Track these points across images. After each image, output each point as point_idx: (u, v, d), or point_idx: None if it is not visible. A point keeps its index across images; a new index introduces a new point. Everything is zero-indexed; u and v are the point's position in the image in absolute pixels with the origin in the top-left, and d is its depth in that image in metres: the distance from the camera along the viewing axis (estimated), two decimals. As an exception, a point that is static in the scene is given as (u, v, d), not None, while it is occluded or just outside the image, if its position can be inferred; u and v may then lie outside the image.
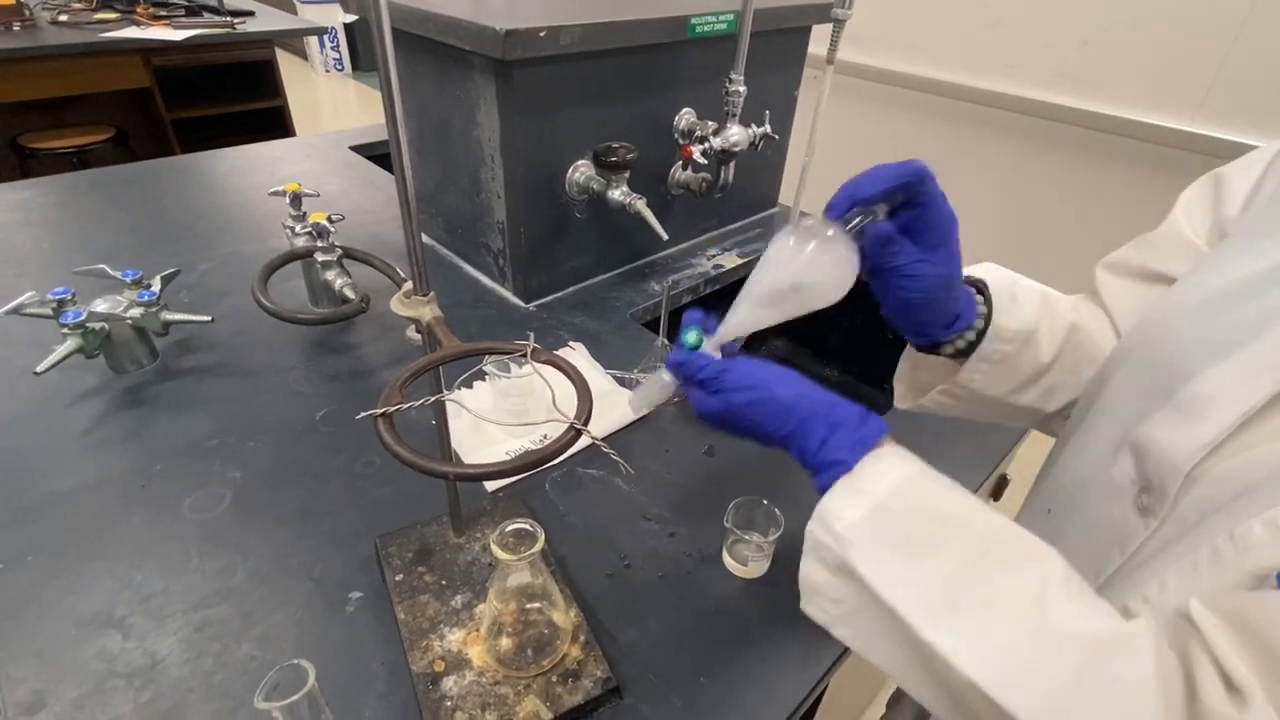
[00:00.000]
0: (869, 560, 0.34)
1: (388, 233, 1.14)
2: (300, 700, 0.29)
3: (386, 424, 0.35)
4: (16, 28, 2.23)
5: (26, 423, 0.70)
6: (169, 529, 0.60)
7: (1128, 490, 0.36)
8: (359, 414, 0.38)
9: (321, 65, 5.42)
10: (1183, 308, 0.38)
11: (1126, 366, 0.41)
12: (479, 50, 0.78)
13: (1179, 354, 0.36)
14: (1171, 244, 0.46)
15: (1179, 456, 0.32)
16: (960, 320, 0.47)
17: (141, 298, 0.75)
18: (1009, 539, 0.34)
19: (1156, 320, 0.40)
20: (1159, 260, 0.46)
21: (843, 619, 0.37)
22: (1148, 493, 0.35)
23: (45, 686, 0.48)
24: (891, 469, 0.36)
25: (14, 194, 1.19)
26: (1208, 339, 0.35)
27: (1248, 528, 0.29)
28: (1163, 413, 0.34)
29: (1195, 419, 0.32)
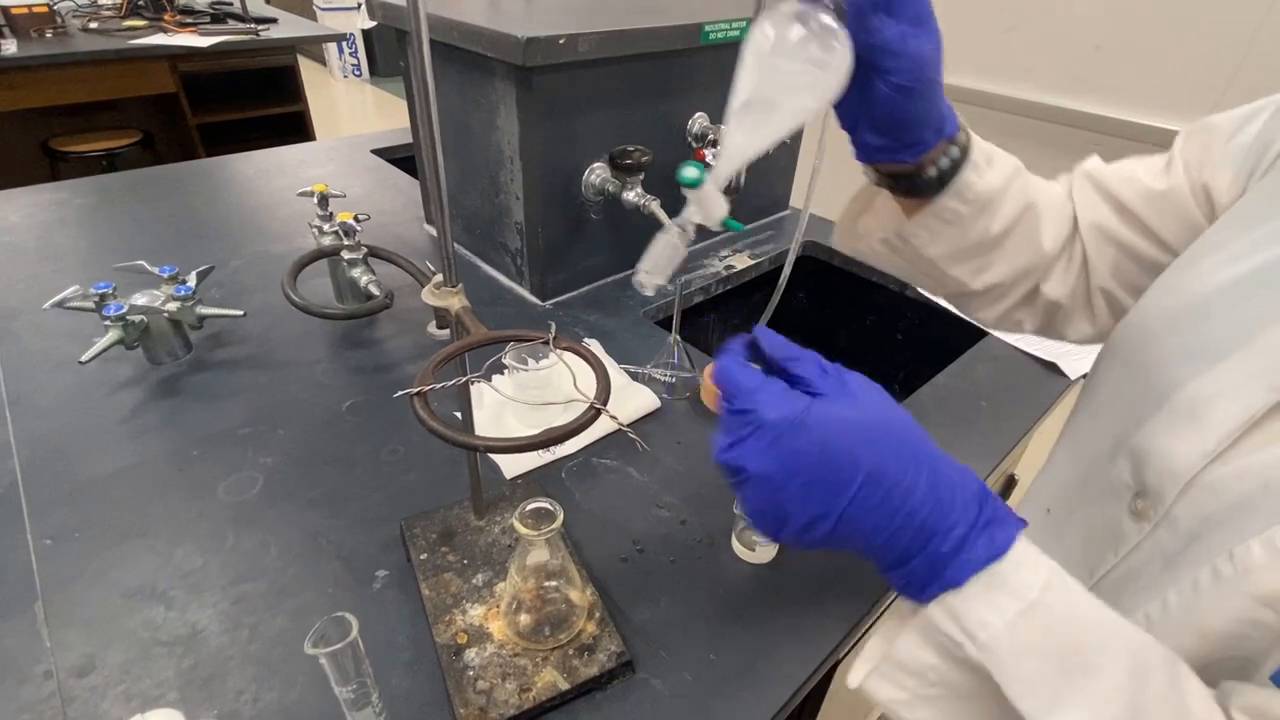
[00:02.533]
0: (1021, 682, 0.28)
1: (409, 233, 1.17)
2: (344, 649, 0.31)
3: (421, 402, 0.38)
4: (49, 35, 2.30)
5: (71, 410, 0.74)
6: (205, 510, 0.63)
7: (1124, 494, 0.36)
8: (396, 393, 0.41)
9: (340, 71, 5.51)
10: (1170, 309, 0.38)
11: (1118, 367, 0.41)
12: (500, 57, 0.81)
13: (1170, 358, 0.36)
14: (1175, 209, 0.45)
15: (1180, 465, 0.32)
16: (948, 123, 0.42)
17: (178, 293, 0.79)
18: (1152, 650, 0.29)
19: (1144, 320, 0.40)
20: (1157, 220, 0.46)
21: (935, 701, 0.32)
22: (1142, 497, 0.34)
23: (94, 652, 0.51)
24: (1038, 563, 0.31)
25: (50, 194, 1.24)
26: (1198, 343, 0.35)
27: (1246, 547, 0.28)
28: (1159, 418, 0.34)
29: (1193, 425, 0.32)
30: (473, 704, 0.47)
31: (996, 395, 0.85)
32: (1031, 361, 0.92)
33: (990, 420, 0.82)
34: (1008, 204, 0.46)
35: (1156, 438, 0.34)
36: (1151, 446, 0.34)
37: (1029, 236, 0.48)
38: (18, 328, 0.86)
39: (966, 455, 0.76)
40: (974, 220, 0.46)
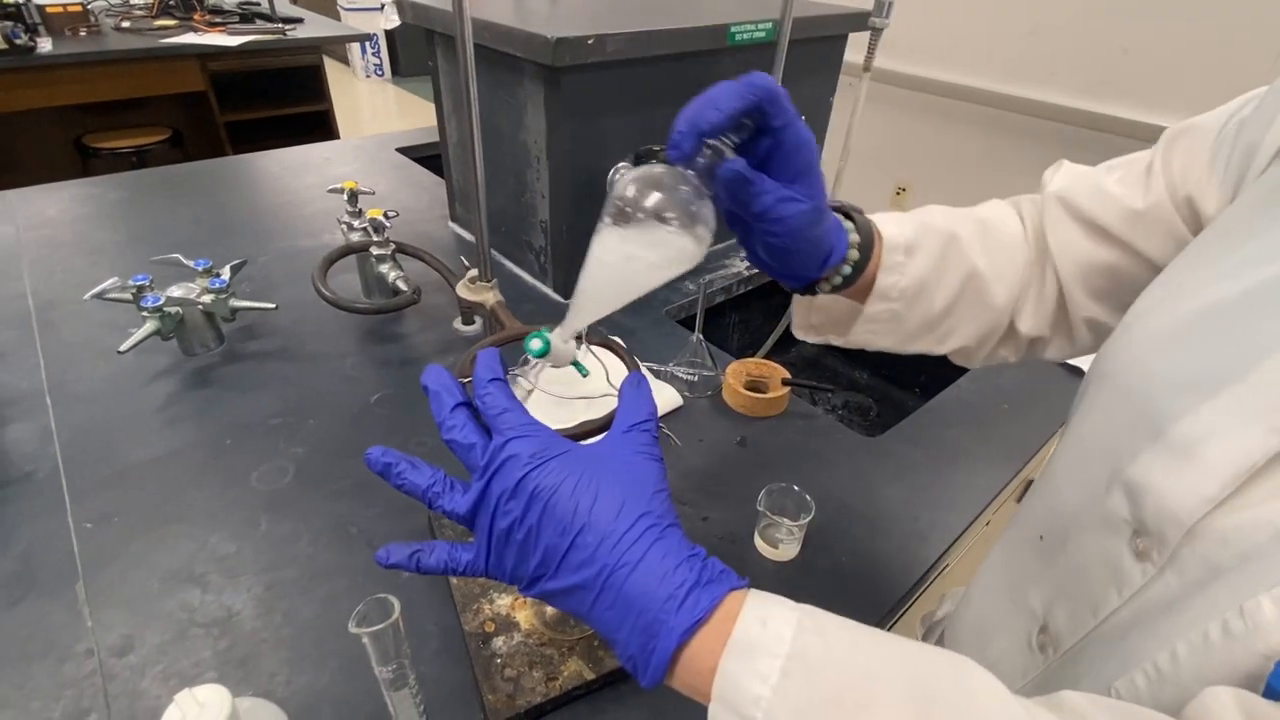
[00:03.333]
0: None
1: (434, 230, 1.19)
2: (386, 629, 0.32)
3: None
4: (83, 34, 2.36)
5: (109, 398, 0.76)
6: (239, 497, 0.65)
7: (1122, 529, 0.34)
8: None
9: (362, 71, 5.57)
10: (1156, 332, 0.36)
11: (1107, 392, 0.39)
12: (530, 57, 0.82)
13: (1160, 385, 0.34)
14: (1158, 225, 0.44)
15: (1180, 509, 0.31)
16: (833, 254, 0.43)
17: (212, 285, 0.81)
18: (926, 660, 0.28)
19: (1130, 343, 0.38)
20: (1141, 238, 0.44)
21: None
22: (1143, 536, 0.33)
23: (133, 632, 0.53)
24: (773, 609, 0.29)
25: (84, 189, 1.27)
26: (1189, 372, 0.33)
27: (1256, 603, 0.27)
28: (1153, 453, 0.33)
29: (1190, 465, 0.31)
30: (501, 690, 0.48)
31: (1019, 399, 0.85)
32: (1055, 368, 0.91)
33: (1013, 424, 0.81)
34: (944, 282, 0.47)
35: (1152, 474, 0.32)
36: (1148, 484, 0.33)
37: (979, 302, 0.49)
38: (56, 318, 0.89)
39: (988, 459, 0.76)
40: (911, 309, 0.48)
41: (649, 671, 0.29)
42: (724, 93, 0.34)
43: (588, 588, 0.30)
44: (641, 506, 0.30)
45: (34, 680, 0.50)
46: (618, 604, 0.29)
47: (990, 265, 0.48)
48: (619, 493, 0.31)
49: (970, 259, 0.48)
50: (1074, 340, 0.52)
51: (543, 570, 0.31)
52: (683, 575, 0.29)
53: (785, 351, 1.31)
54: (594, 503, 0.30)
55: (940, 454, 0.76)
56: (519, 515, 0.31)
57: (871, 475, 0.73)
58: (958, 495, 0.71)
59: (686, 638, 0.28)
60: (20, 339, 0.84)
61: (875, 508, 0.69)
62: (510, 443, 0.32)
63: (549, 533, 0.30)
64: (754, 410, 0.80)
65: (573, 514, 0.30)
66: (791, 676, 0.27)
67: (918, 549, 0.65)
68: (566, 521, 0.30)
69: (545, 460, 0.31)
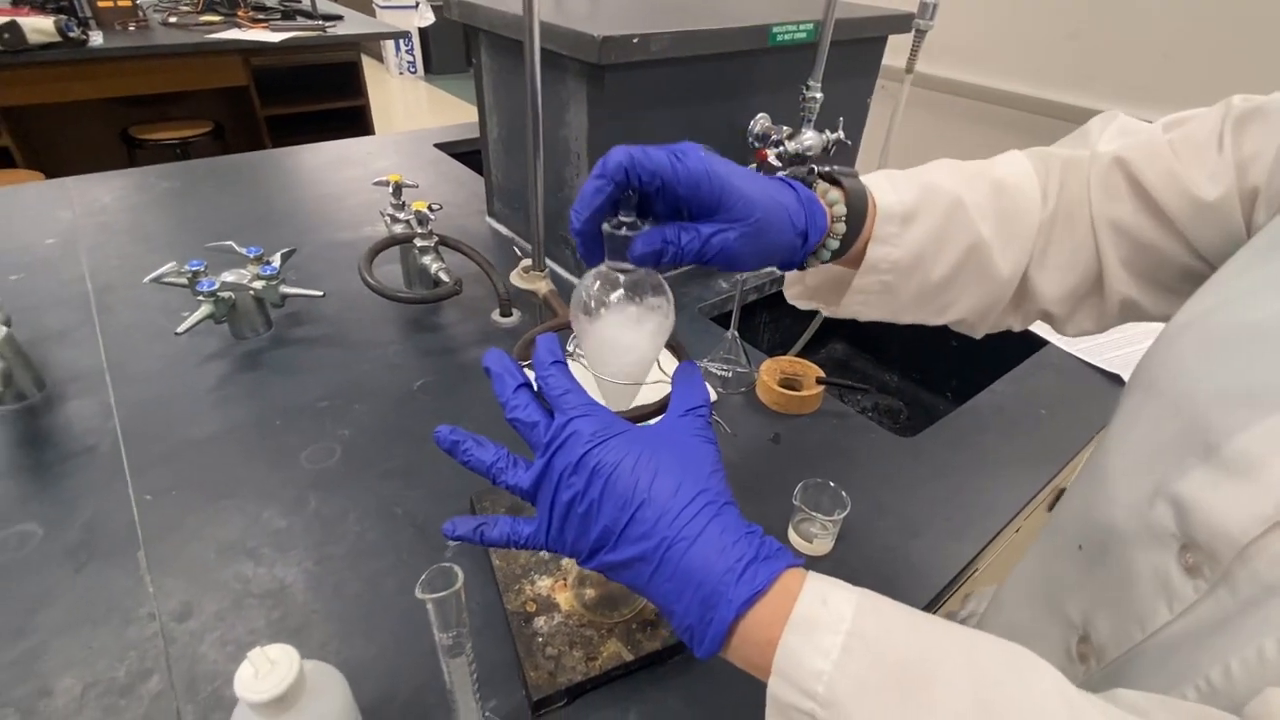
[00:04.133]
0: None
1: (471, 224, 1.21)
2: (449, 597, 0.34)
3: (518, 374, 0.40)
4: (132, 28, 2.43)
5: (164, 378, 0.79)
6: (289, 476, 0.67)
7: (1169, 543, 0.34)
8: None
9: (396, 68, 5.65)
10: (1207, 342, 0.35)
11: (1152, 403, 0.38)
12: (574, 55, 0.83)
13: (1211, 400, 0.33)
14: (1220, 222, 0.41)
15: (1234, 527, 0.30)
16: (809, 239, 0.41)
17: (263, 272, 0.83)
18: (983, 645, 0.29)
19: (1178, 352, 0.37)
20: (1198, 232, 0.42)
21: None
22: (1193, 551, 0.32)
23: (192, 599, 0.55)
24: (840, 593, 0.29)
25: (136, 178, 1.31)
26: (1244, 387, 0.32)
27: None
28: (1205, 470, 0.32)
29: (1247, 485, 0.30)
30: (542, 668, 0.50)
31: (1056, 404, 0.85)
32: (1093, 372, 0.91)
33: (1049, 429, 0.81)
34: (944, 253, 0.45)
35: (1204, 491, 0.32)
36: (1198, 500, 0.32)
37: (981, 274, 0.47)
38: (114, 301, 0.92)
39: (1024, 463, 0.76)
40: (905, 281, 0.46)
41: (706, 642, 0.30)
42: (581, 199, 0.35)
43: (647, 560, 0.31)
44: (699, 485, 0.32)
45: (100, 641, 0.52)
46: (676, 576, 0.30)
47: (997, 234, 0.46)
48: (677, 471, 0.32)
49: (975, 228, 0.45)
50: (1101, 317, 0.49)
51: (602, 543, 0.32)
52: (740, 550, 0.30)
53: (815, 352, 1.32)
54: (653, 480, 0.31)
55: (975, 456, 0.76)
56: (580, 490, 0.32)
57: (905, 475, 0.73)
58: (992, 498, 0.71)
59: (745, 609, 0.29)
60: (80, 320, 0.88)
61: (909, 507, 0.69)
62: (573, 421, 0.33)
63: (609, 507, 0.31)
64: (787, 407, 0.81)
65: (633, 490, 0.31)
66: (853, 653, 0.27)
67: (951, 549, 0.65)
68: (627, 497, 0.31)
69: (606, 439, 0.32)
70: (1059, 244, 0.48)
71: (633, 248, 0.36)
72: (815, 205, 0.42)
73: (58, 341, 0.83)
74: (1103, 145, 0.46)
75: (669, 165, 0.35)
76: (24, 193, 1.23)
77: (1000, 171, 0.48)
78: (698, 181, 0.35)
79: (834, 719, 0.27)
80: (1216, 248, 0.42)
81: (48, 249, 1.04)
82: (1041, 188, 0.48)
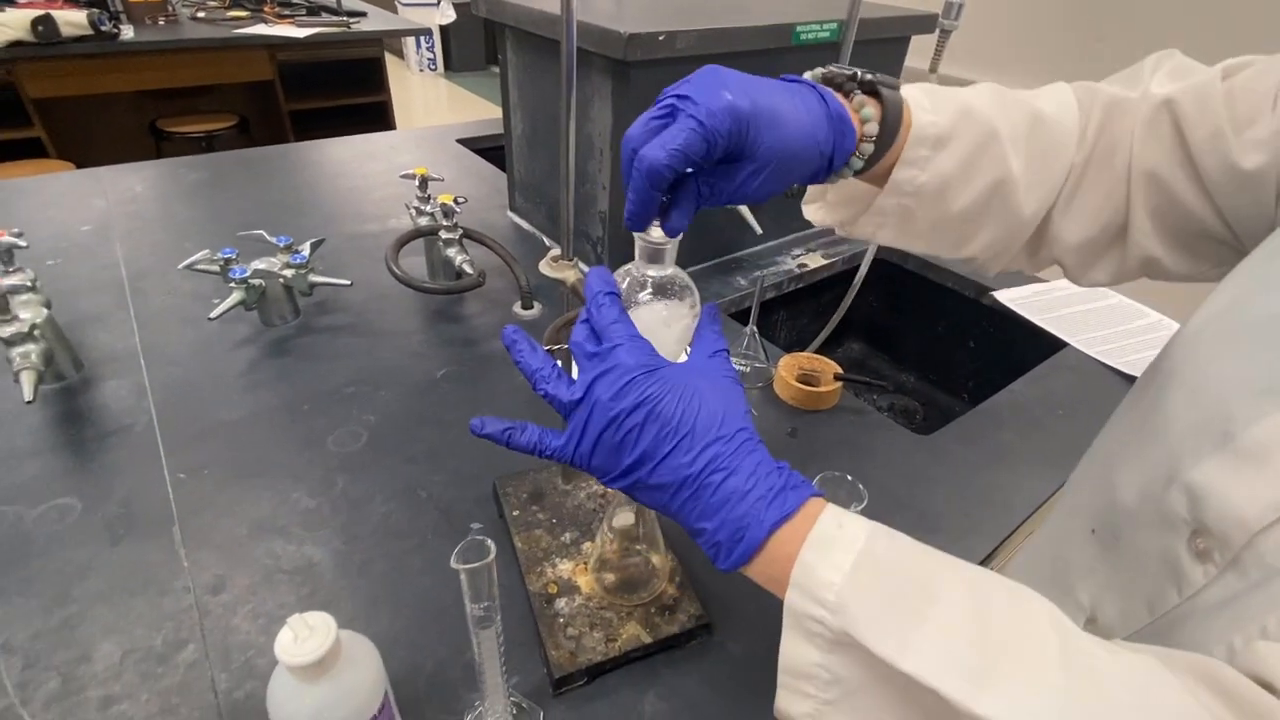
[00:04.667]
0: (874, 627, 0.29)
1: (493, 219, 1.23)
2: (482, 568, 0.35)
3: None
4: (161, 22, 2.47)
5: (196, 362, 0.81)
6: (316, 458, 0.69)
7: (1180, 528, 0.34)
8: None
9: (416, 65, 5.70)
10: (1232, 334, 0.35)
11: (1173, 390, 0.38)
12: (600, 51, 0.85)
13: (1231, 387, 0.33)
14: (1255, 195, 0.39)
15: (1247, 514, 0.31)
16: (835, 161, 0.40)
17: (293, 260, 0.85)
18: (988, 577, 0.31)
19: (1202, 338, 0.37)
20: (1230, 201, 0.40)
21: (840, 704, 0.31)
22: (1203, 537, 0.33)
23: (225, 574, 0.57)
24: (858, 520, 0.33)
25: (167, 168, 1.34)
26: (1265, 376, 0.32)
27: None
28: (1220, 456, 0.32)
29: (1262, 472, 0.31)
30: (563, 647, 0.51)
31: (1075, 405, 0.85)
32: (1113, 375, 0.91)
33: (1068, 429, 0.81)
34: (971, 184, 0.44)
35: (1218, 478, 0.32)
36: (1212, 487, 0.32)
37: (1004, 209, 0.45)
38: (147, 286, 0.94)
39: (1041, 462, 0.76)
40: (925, 208, 0.44)
41: (733, 557, 0.33)
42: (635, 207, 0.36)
43: (685, 486, 0.34)
44: (739, 422, 0.35)
45: (137, 610, 0.54)
46: (714, 500, 0.33)
47: (1027, 170, 0.44)
48: (719, 408, 0.34)
49: (1006, 162, 0.43)
50: (1119, 270, 0.48)
51: (637, 468, 0.35)
52: (772, 480, 0.33)
53: (831, 350, 1.32)
54: (698, 414, 0.34)
55: (992, 454, 0.77)
56: (620, 416, 0.34)
57: (922, 471, 0.74)
58: (1009, 496, 0.71)
59: (773, 530, 0.32)
60: (115, 304, 0.90)
61: (925, 503, 0.70)
62: (619, 349, 0.35)
63: (650, 436, 0.34)
64: (805, 403, 0.81)
65: (678, 421, 0.34)
66: (862, 568, 0.30)
67: (967, 545, 0.66)
68: (671, 428, 0.34)
69: (652, 369, 0.35)
70: (1088, 190, 0.46)
71: (669, 225, 0.37)
72: (846, 125, 0.40)
73: (94, 324, 0.86)
74: (1155, 86, 0.44)
75: (706, 150, 0.34)
76: (59, 181, 1.26)
77: (1042, 104, 0.46)
78: (728, 147, 0.35)
79: (842, 623, 0.30)
80: (1243, 218, 0.41)
81: (83, 235, 1.07)
82: (1081, 128, 0.46)
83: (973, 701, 0.26)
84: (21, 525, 0.60)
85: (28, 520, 0.60)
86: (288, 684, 0.38)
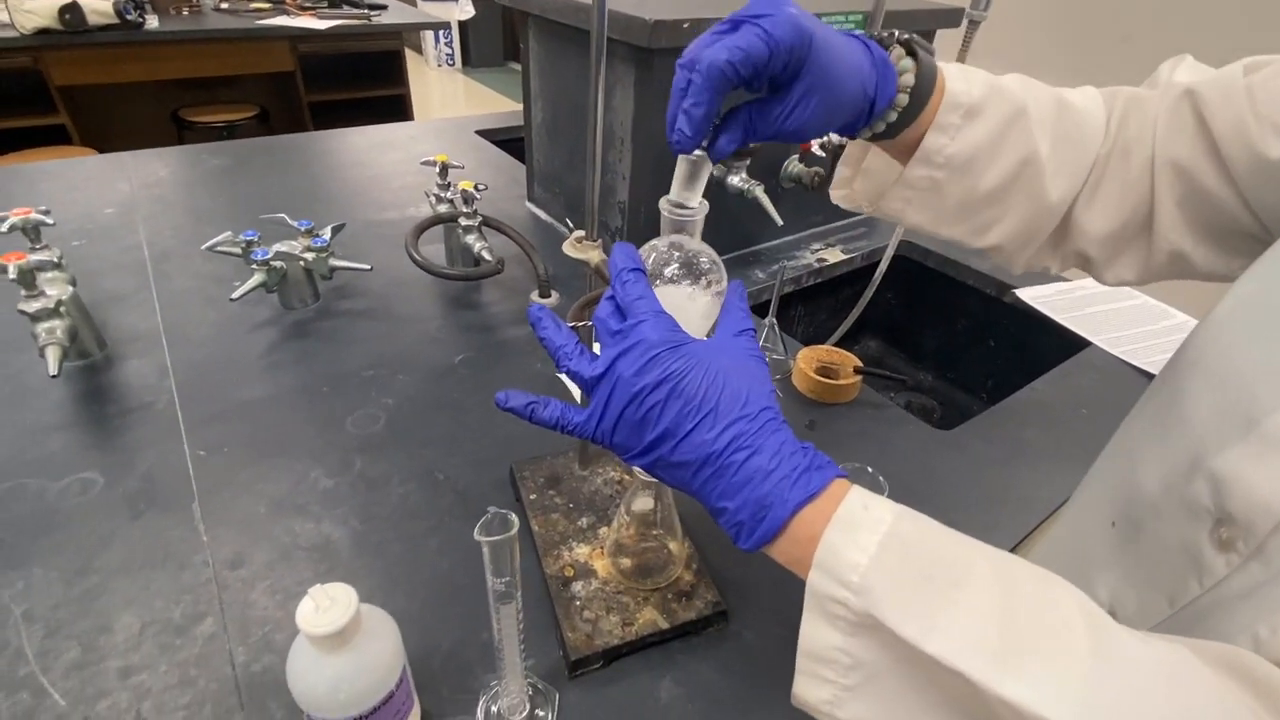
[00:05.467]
0: (899, 609, 0.28)
1: (512, 209, 1.23)
2: (504, 542, 0.35)
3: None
4: (186, 13, 2.50)
5: (217, 342, 0.81)
6: (335, 439, 0.69)
7: (1204, 518, 0.33)
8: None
9: (434, 60, 5.73)
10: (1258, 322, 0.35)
11: (1197, 379, 0.37)
12: (624, 38, 0.84)
13: (1256, 375, 0.33)
14: None
15: (1275, 501, 0.30)
16: (876, 106, 0.41)
17: (314, 244, 0.86)
18: (1016, 562, 0.31)
19: (1227, 330, 0.37)
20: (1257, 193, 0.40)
21: (860, 689, 0.31)
22: (1227, 526, 0.32)
23: (243, 550, 0.57)
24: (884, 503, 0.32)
25: (190, 155, 1.35)
26: None
27: None
28: (1247, 444, 0.32)
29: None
30: (580, 630, 0.51)
31: (1098, 404, 0.84)
32: (1138, 375, 0.89)
33: (1090, 427, 0.80)
34: (999, 160, 0.44)
35: (1243, 465, 0.32)
36: (1238, 475, 0.32)
37: (1031, 191, 0.45)
38: (170, 269, 0.95)
39: (1062, 460, 0.75)
40: (954, 182, 0.45)
41: (755, 536, 0.33)
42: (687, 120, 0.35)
43: (708, 464, 0.33)
44: (763, 401, 0.34)
45: (157, 583, 0.54)
46: (736, 479, 0.33)
47: (1053, 153, 0.45)
48: (743, 386, 0.34)
49: (1034, 141, 0.44)
50: (1146, 267, 0.48)
51: (659, 444, 0.34)
52: (797, 460, 0.33)
53: (848, 347, 1.31)
54: (721, 392, 0.33)
55: (1013, 452, 0.76)
56: (643, 393, 0.33)
57: (942, 467, 0.73)
58: (1030, 493, 0.70)
59: (797, 510, 0.32)
60: (138, 285, 0.91)
61: (945, 498, 0.69)
62: (642, 325, 0.35)
63: (673, 413, 0.33)
64: (824, 396, 0.81)
65: (700, 398, 0.33)
66: (889, 549, 0.30)
67: (988, 540, 0.65)
68: (694, 405, 0.33)
69: (676, 345, 0.34)
70: (1111, 179, 0.46)
71: (718, 146, 0.38)
72: (889, 70, 0.41)
73: (117, 304, 0.86)
74: (1177, 76, 0.44)
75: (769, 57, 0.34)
76: (84, 165, 1.28)
77: (1070, 95, 0.47)
78: (788, 62, 0.35)
79: (866, 605, 0.29)
80: (1270, 208, 0.40)
81: (107, 218, 1.08)
82: (1105, 119, 0.46)
83: (998, 684, 0.26)
84: (45, 498, 0.60)
85: (51, 493, 0.61)
86: (308, 654, 0.38)
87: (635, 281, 0.37)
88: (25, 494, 0.61)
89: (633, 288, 0.37)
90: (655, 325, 0.35)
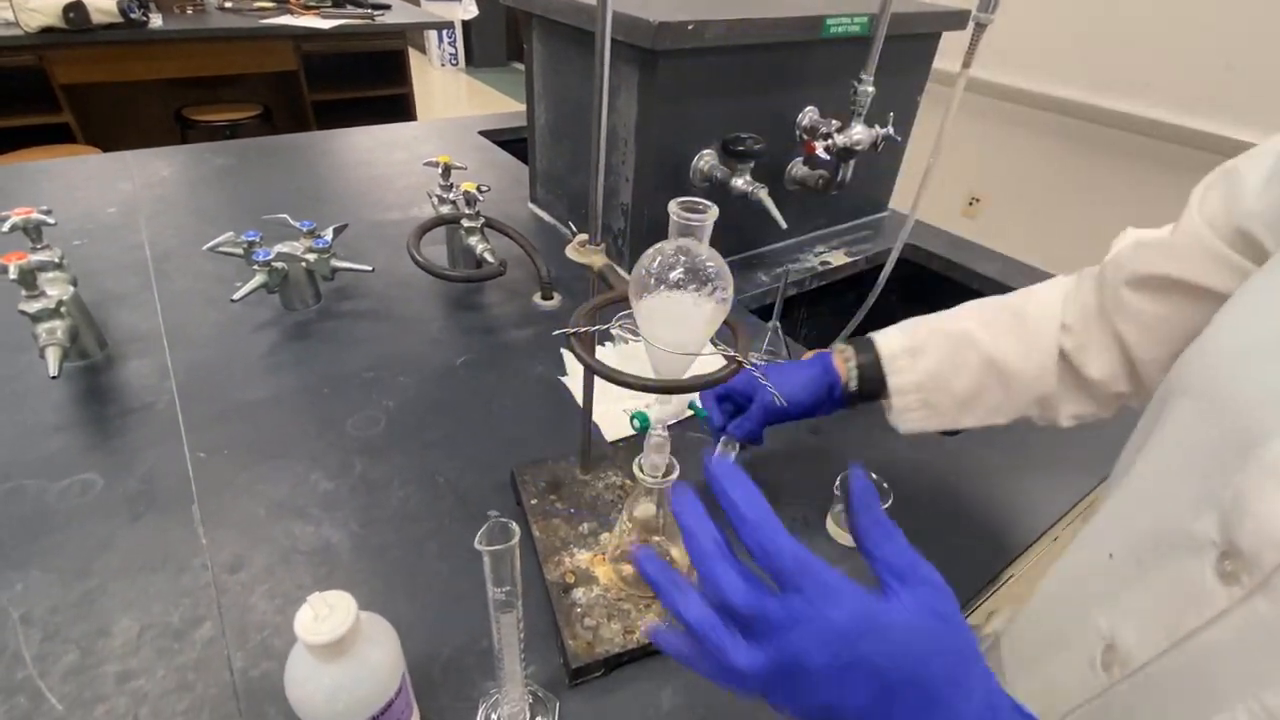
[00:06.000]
0: None
1: (514, 210, 1.22)
2: (504, 551, 0.34)
3: (579, 340, 0.41)
4: (189, 11, 2.50)
5: (218, 343, 0.81)
6: (335, 441, 0.69)
7: (1207, 550, 0.33)
8: (555, 331, 0.44)
9: (438, 59, 5.72)
10: (1250, 344, 0.35)
11: (1189, 408, 0.37)
12: (628, 40, 0.84)
13: (1253, 401, 0.32)
14: (1194, 250, 0.44)
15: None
16: (834, 390, 0.58)
17: (316, 245, 0.85)
18: None
19: (1217, 354, 0.36)
20: (1187, 269, 0.45)
21: None
22: (1232, 558, 0.31)
23: (243, 553, 0.57)
24: None
25: (193, 154, 1.35)
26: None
27: None
28: (1252, 473, 0.31)
29: None
30: (581, 637, 0.50)
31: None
32: (1142, 379, 0.89)
33: (1098, 440, 0.79)
34: (962, 371, 0.55)
35: (1252, 496, 0.31)
36: (1247, 506, 0.31)
37: (1006, 384, 0.54)
38: (171, 269, 0.95)
39: (1069, 470, 0.74)
40: (937, 396, 0.55)
41: None
42: None
43: None
44: (994, 695, 0.30)
45: (156, 586, 0.54)
46: None
47: (1012, 353, 0.54)
48: (963, 679, 0.29)
49: (985, 350, 0.54)
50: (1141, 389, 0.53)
51: None
52: None
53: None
54: (954, 691, 0.29)
55: (1019, 460, 0.75)
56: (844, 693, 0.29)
57: (947, 474, 0.72)
58: (1035, 502, 0.70)
59: None
60: (140, 285, 0.91)
61: (949, 505, 0.69)
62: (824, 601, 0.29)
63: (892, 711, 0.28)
64: (827, 400, 0.80)
65: (930, 702, 0.28)
66: None
67: (990, 549, 0.64)
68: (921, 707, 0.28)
69: (875, 630, 0.29)
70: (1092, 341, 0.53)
71: None
72: (826, 372, 0.59)
73: (118, 304, 0.86)
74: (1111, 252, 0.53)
75: None
76: (86, 164, 1.27)
77: (1020, 301, 0.57)
78: None
79: None
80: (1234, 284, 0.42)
81: (109, 217, 1.07)
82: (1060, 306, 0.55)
83: None
84: (44, 499, 0.60)
85: (50, 494, 0.61)
86: (306, 662, 0.37)
87: (777, 530, 0.31)
88: (24, 495, 0.60)
89: (779, 538, 0.30)
90: (837, 604, 0.29)
